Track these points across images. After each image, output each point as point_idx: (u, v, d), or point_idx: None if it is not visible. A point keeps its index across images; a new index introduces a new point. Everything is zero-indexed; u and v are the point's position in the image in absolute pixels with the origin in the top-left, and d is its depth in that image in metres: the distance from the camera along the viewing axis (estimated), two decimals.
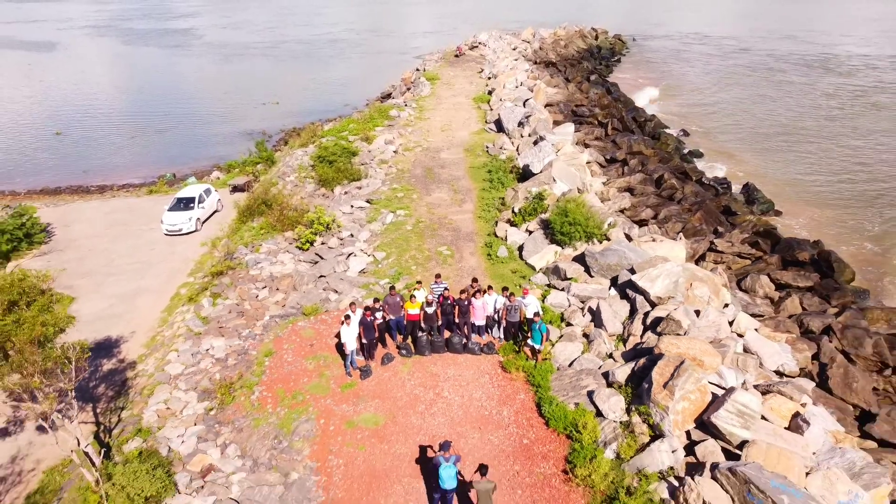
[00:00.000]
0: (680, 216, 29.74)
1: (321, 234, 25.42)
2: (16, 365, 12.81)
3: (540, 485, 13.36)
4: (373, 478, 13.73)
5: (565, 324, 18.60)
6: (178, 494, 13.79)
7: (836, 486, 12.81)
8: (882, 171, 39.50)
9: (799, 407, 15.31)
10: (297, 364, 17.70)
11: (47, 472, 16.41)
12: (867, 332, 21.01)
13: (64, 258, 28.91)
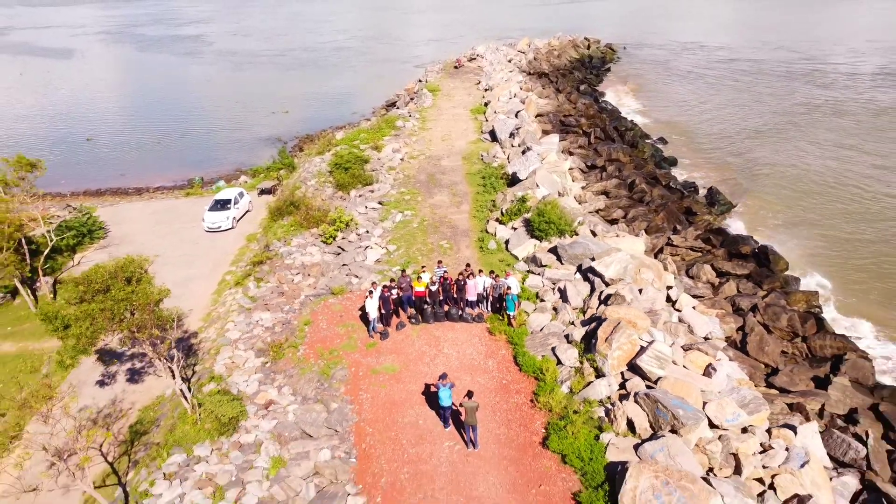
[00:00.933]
0: (646, 216, 34.83)
1: (342, 230, 30.55)
2: (138, 322, 17.87)
3: (514, 409, 18.46)
4: (392, 405, 18.84)
5: (539, 300, 23.72)
6: (251, 418, 18.89)
7: (725, 410, 17.88)
8: (843, 177, 44.15)
9: (712, 360, 20.39)
10: (331, 330, 22.82)
11: (142, 409, 21.53)
12: (785, 309, 26.08)
13: (121, 251, 33.81)
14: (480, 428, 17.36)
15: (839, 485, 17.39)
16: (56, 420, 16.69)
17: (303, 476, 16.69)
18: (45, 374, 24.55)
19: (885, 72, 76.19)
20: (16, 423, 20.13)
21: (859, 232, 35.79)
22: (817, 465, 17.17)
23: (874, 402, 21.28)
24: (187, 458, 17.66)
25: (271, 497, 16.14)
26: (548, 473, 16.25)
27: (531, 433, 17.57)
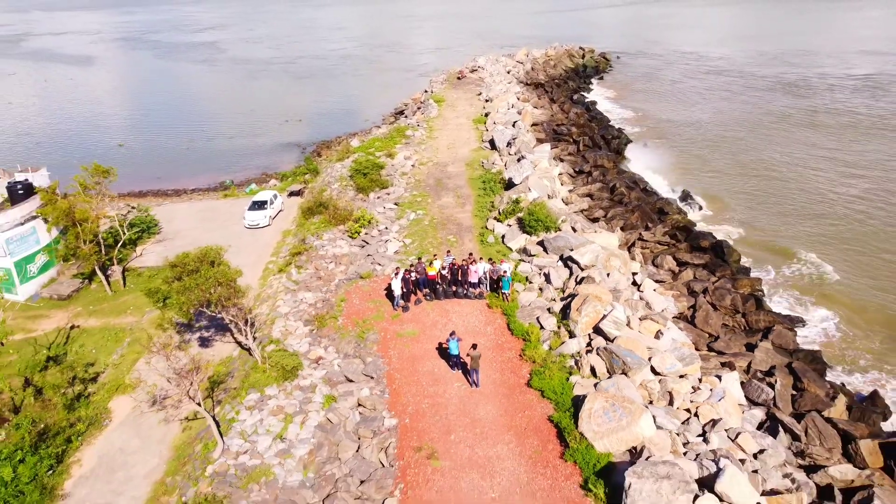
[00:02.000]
0: (623, 215, 40.68)
1: (365, 227, 36.44)
2: (224, 295, 23.73)
3: (506, 361, 24.34)
4: (414, 359, 24.72)
5: (528, 282, 29.60)
6: (305, 369, 24.77)
7: (665, 361, 23.72)
8: (807, 181, 49.64)
9: (662, 327, 26.26)
10: (362, 305, 28.73)
11: (216, 366, 27.37)
12: (730, 291, 31.92)
13: (175, 244, 39.84)
14: (480, 373, 23.23)
15: (749, 416, 23.23)
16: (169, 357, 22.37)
17: (349, 407, 22.58)
18: (128, 342, 30.47)
19: (866, 81, 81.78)
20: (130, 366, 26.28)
21: (814, 230, 41.47)
22: (732, 400, 23.07)
23: (789, 361, 27.11)
24: (261, 397, 23.53)
25: (327, 421, 22.02)
26: (530, 403, 22.13)
27: (519, 377, 23.46)
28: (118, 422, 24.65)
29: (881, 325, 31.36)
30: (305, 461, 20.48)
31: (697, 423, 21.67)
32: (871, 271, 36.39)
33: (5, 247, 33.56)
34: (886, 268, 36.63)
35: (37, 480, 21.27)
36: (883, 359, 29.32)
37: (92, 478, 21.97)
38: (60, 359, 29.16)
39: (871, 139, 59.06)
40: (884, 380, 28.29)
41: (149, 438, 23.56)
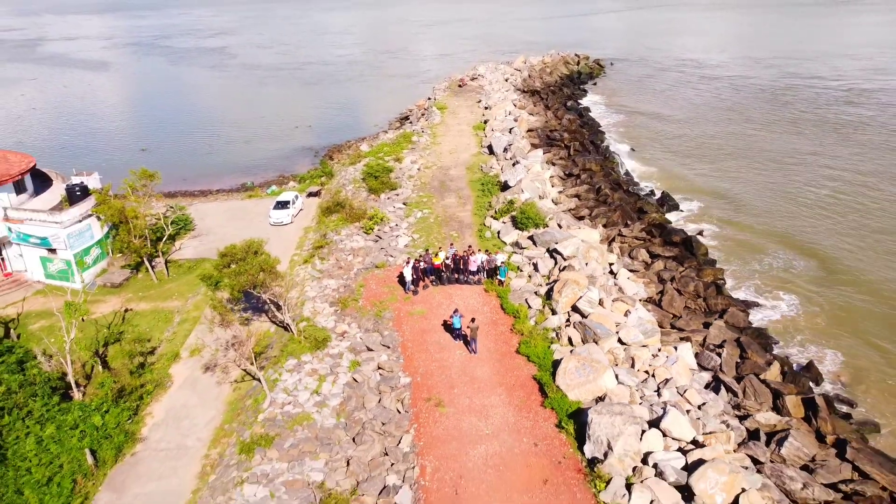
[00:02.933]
0: (606, 214, 45.75)
1: (378, 224, 41.56)
2: (269, 279, 28.84)
3: (499, 334, 29.48)
4: (423, 332, 29.86)
5: (519, 270, 34.75)
6: (333, 341, 29.91)
7: (630, 333, 28.84)
8: (780, 185, 54.46)
9: (630, 308, 31.37)
10: (379, 290, 33.88)
11: (259, 338, 32.47)
12: (694, 279, 37.01)
13: (209, 240, 45.02)
14: (478, 342, 28.36)
15: (698, 378, 28.32)
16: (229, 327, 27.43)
17: (371, 369, 27.72)
18: (177, 321, 35.59)
19: (851, 88, 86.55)
20: (182, 340, 31.43)
21: (785, 228, 46.24)
22: (685, 365, 28.18)
23: (738, 336, 32.18)
24: (298, 362, 28.67)
25: (353, 380, 27.16)
26: (518, 366, 27.26)
27: (510, 346, 28.60)
28: (178, 384, 29.82)
29: (830, 311, 36.01)
30: (338, 409, 25.63)
31: (654, 381, 26.80)
32: (831, 265, 40.84)
33: (66, 241, 38.67)
34: (846, 262, 41.17)
35: (120, 426, 26.42)
36: (826, 338, 34.03)
37: (163, 425, 27.13)
38: (119, 336, 34.32)
39: (846, 144, 63.87)
40: (823, 354, 33.24)
41: (206, 396, 28.71)
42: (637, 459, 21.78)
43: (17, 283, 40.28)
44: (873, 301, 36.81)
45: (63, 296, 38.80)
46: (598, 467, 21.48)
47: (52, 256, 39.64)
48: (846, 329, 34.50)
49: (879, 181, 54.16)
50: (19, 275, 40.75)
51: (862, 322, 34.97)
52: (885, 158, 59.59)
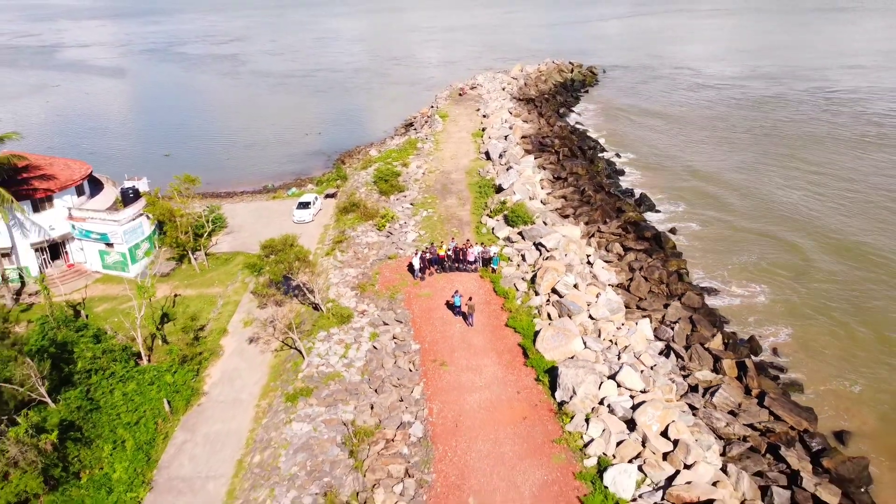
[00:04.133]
0: (588, 213, 52.16)
1: (389, 222, 48.02)
2: (305, 267, 35.29)
3: (492, 311, 35.97)
4: (429, 310, 36.37)
5: (510, 260, 41.23)
6: (355, 317, 36.40)
7: (598, 310, 35.30)
8: (750, 189, 60.42)
9: (602, 291, 37.83)
10: (392, 276, 40.37)
11: (295, 316, 38.91)
12: (659, 268, 43.41)
13: (241, 236, 51.52)
14: (475, 317, 34.81)
15: (653, 346, 34.70)
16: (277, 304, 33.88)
17: (388, 339, 34.18)
18: (221, 304, 42.05)
19: (838, 95, 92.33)
20: (227, 319, 37.93)
21: (752, 225, 52.17)
22: (642, 336, 34.59)
23: (691, 314, 38.59)
24: (327, 334, 35.13)
25: (373, 347, 33.61)
26: (507, 335, 33.73)
27: (500, 321, 35.08)
28: (228, 353, 36.32)
29: (788, 299, 41.57)
30: (362, 369, 32.12)
31: (616, 348, 33.25)
32: (797, 261, 46.32)
33: (123, 236, 45.18)
34: (811, 259, 46.68)
35: (186, 384, 32.92)
36: (779, 321, 39.55)
37: (220, 384, 33.63)
38: (172, 316, 40.79)
39: (824, 150, 69.72)
40: (771, 332, 39.18)
41: (252, 362, 35.21)
42: (595, 402, 28.25)
43: (79, 272, 46.77)
44: (829, 291, 42.14)
45: (120, 283, 45.48)
46: (565, 407, 27.95)
47: (109, 250, 46.12)
48: (799, 314, 39.80)
49: (851, 183, 60.05)
50: (80, 266, 47.24)
51: (815, 309, 40.21)
52: (857, 162, 65.67)
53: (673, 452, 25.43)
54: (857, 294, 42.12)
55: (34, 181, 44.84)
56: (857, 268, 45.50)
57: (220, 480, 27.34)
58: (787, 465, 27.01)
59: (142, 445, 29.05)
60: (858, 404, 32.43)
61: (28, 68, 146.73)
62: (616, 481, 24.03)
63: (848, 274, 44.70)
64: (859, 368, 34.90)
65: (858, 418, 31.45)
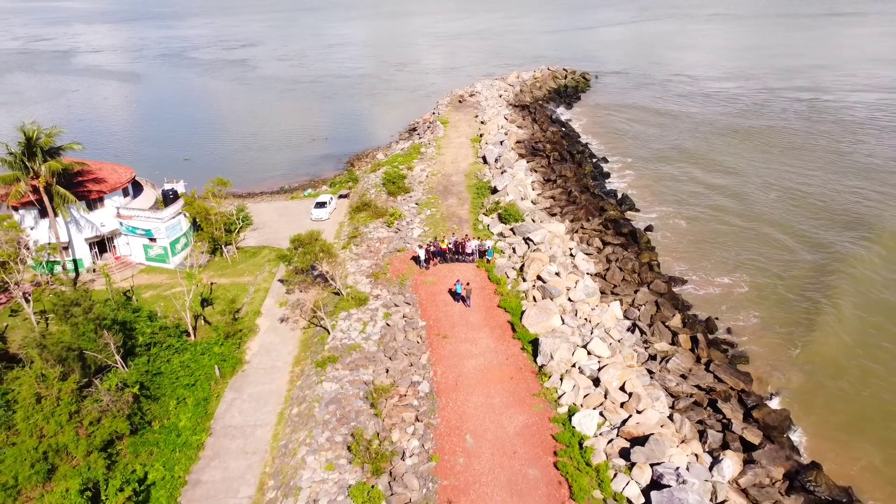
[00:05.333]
0: (573, 212, 58.66)
1: (397, 219, 54.54)
2: (328, 258, 41.81)
3: (487, 294, 42.53)
4: (434, 294, 42.95)
5: (502, 252, 47.82)
6: (371, 300, 42.98)
7: (576, 294, 41.87)
8: (726, 191, 66.73)
9: (580, 278, 44.41)
10: (401, 266, 46.96)
11: (315, 303, 45.46)
12: (632, 260, 49.97)
13: (265, 232, 58.07)
14: (472, 300, 41.36)
15: (622, 324, 41.24)
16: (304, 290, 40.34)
17: (399, 317, 40.76)
18: (253, 290, 48.56)
19: (822, 103, 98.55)
20: (260, 303, 44.52)
21: (723, 224, 58.58)
22: (613, 315, 41.13)
23: (657, 299, 45.12)
24: (348, 314, 41.68)
25: (386, 325, 40.18)
26: (498, 315, 40.31)
27: (493, 302, 41.65)
28: (264, 330, 42.90)
29: (744, 287, 48.27)
30: (378, 341, 38.70)
31: (589, 325, 39.81)
32: (757, 255, 52.98)
33: (165, 232, 51.71)
34: (769, 252, 53.64)
35: (231, 355, 39.48)
36: (732, 304, 46.33)
37: (259, 355, 40.20)
38: (211, 301, 47.31)
39: (802, 155, 75.82)
40: (725, 314, 45.66)
41: (284, 337, 41.79)
42: (569, 365, 34.84)
43: (125, 264, 53.32)
44: (784, 283, 48.34)
45: (161, 274, 52.08)
46: (544, 369, 34.54)
47: (152, 244, 52.68)
48: (756, 301, 45.65)
49: (821, 187, 66.28)
50: (126, 258, 53.79)
51: (770, 297, 46.26)
52: (830, 168, 71.94)
53: (628, 402, 32.03)
54: (807, 284, 48.66)
55: (88, 184, 51.39)
56: (812, 262, 51.93)
57: (266, 428, 33.95)
58: (722, 416, 33.57)
59: (199, 402, 35.63)
60: (792, 370, 38.96)
61: (46, 73, 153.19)
62: (581, 423, 30.61)
63: (803, 269, 51.05)
64: (797, 342, 41.36)
65: (789, 381, 38.01)
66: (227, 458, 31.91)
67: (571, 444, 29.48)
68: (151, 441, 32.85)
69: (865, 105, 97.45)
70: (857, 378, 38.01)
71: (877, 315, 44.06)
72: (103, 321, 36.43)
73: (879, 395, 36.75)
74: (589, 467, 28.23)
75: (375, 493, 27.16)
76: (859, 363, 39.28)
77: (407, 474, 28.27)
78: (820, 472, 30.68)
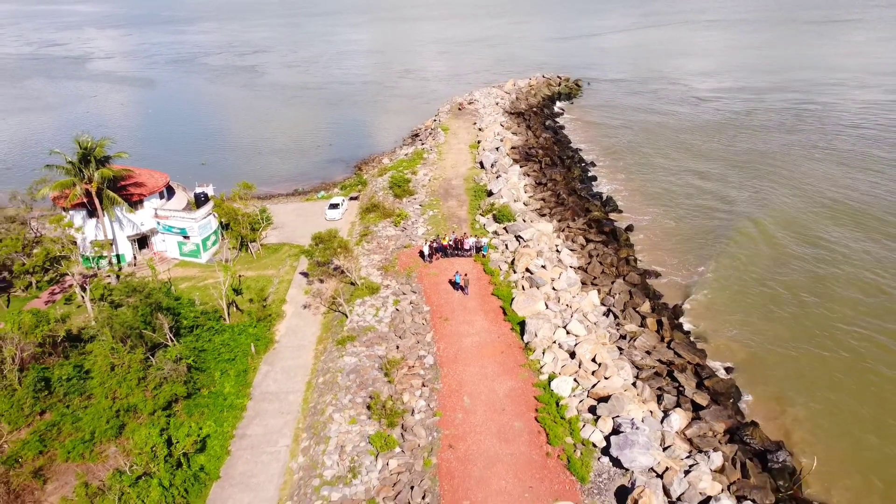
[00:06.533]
0: (561, 212, 65.33)
1: (403, 219, 61.24)
2: (343, 251, 48.46)
3: (482, 284, 49.23)
4: (436, 284, 49.66)
5: (496, 248, 54.54)
6: (382, 289, 49.68)
7: (560, 283, 48.59)
8: (705, 193, 73.64)
9: (564, 271, 51.13)
10: (407, 260, 53.68)
11: (334, 292, 52.13)
12: (611, 255, 56.65)
13: (285, 231, 64.73)
14: (469, 288, 48.06)
15: (598, 310, 47.93)
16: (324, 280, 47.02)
17: (406, 304, 47.46)
18: (277, 282, 55.24)
19: (804, 109, 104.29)
20: (284, 292, 51.23)
21: (694, 225, 65.61)
22: (591, 301, 47.82)
23: (630, 289, 51.78)
24: (362, 300, 48.38)
25: (396, 310, 46.87)
26: (492, 301, 47.00)
27: (488, 291, 48.38)
28: (289, 315, 49.57)
29: (712, 279, 54.55)
30: (389, 323, 45.40)
31: (570, 310, 46.49)
32: (727, 251, 59.17)
33: (198, 230, 58.36)
34: (738, 249, 60.13)
35: (264, 335, 46.15)
36: (699, 294, 52.53)
37: (286, 335, 46.88)
38: (240, 290, 53.95)
39: (782, 160, 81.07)
40: (692, 302, 52.25)
41: (307, 321, 48.47)
42: (550, 342, 41.54)
43: (162, 259, 59.96)
44: (748, 277, 54.83)
45: (195, 267, 58.71)
46: (529, 344, 41.25)
47: (186, 241, 59.34)
48: (720, 291, 51.86)
49: (795, 189, 72.56)
50: (162, 253, 60.46)
51: (733, 288, 52.70)
52: (808, 171, 78.12)
53: (598, 370, 38.76)
54: (766, 275, 55.29)
55: (129, 188, 58.05)
56: (774, 259, 58.47)
57: (297, 393, 40.64)
58: (678, 384, 40.24)
59: (240, 373, 42.30)
60: (743, 348, 45.59)
61: (63, 79, 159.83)
62: (559, 387, 37.30)
63: (765, 263, 57.57)
64: (749, 322, 47.96)
65: (739, 356, 44.62)
66: (266, 417, 38.60)
67: (550, 403, 36.18)
68: (202, 404, 39.51)
69: (850, 111, 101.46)
70: (799, 355, 44.56)
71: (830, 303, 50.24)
72: (158, 305, 43.11)
73: (816, 368, 43.27)
74: (563, 420, 34.92)
75: (391, 440, 33.89)
76: (803, 344, 45.82)
77: (416, 426, 34.98)
78: (756, 428, 37.38)
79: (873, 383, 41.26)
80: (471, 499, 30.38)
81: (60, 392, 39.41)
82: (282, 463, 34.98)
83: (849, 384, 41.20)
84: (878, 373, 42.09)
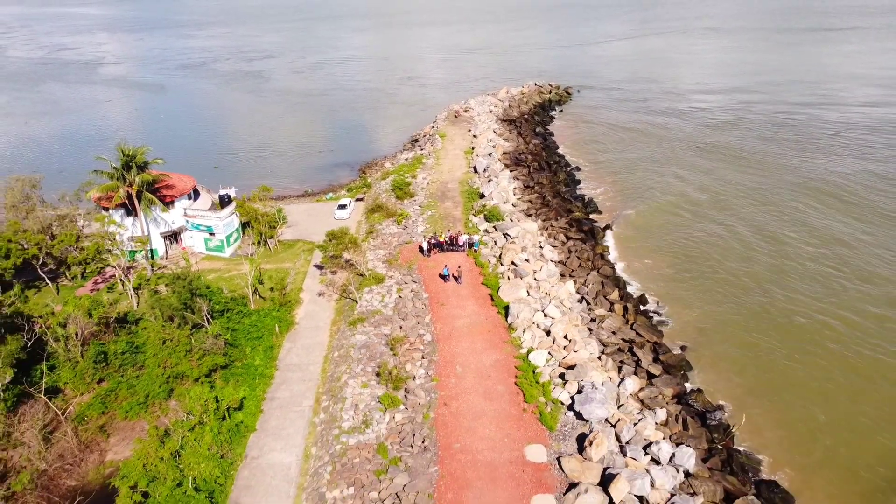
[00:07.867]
0: (546, 213, 72.97)
1: (405, 218, 68.81)
2: (352, 247, 56.00)
3: (473, 275, 56.83)
4: (434, 275, 57.20)
5: (486, 244, 62.16)
6: (387, 280, 57.27)
7: (541, 274, 56.23)
8: (689, 198, 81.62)
9: (545, 264, 58.76)
10: (409, 255, 61.29)
11: (342, 285, 59.67)
12: (588, 251, 64.28)
13: (298, 228, 72.19)
14: (462, 279, 55.67)
15: (574, 297, 55.55)
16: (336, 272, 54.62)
17: (408, 291, 55.06)
18: (294, 273, 62.75)
19: (793, 117, 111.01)
20: (301, 281, 58.87)
21: (668, 224, 73.50)
22: (567, 290, 55.49)
23: (603, 280, 59.38)
24: (370, 289, 55.93)
25: (399, 297, 54.46)
26: (482, 289, 54.61)
27: (478, 281, 56.00)
28: (306, 302, 57.10)
29: (678, 270, 62.92)
30: (393, 308, 53.00)
31: (548, 297, 54.11)
32: (696, 246, 67.90)
33: (223, 228, 65.83)
34: (705, 244, 68.32)
35: (286, 318, 53.69)
36: (666, 284, 60.54)
37: (305, 318, 54.43)
38: (261, 280, 61.42)
39: (759, 166, 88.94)
40: (659, 291, 59.91)
41: (322, 307, 56.04)
42: (530, 322, 49.17)
43: (190, 253, 67.40)
44: (710, 269, 63.27)
45: (219, 261, 66.18)
46: (512, 325, 48.90)
47: (211, 238, 66.82)
48: (684, 282, 60.00)
49: (766, 198, 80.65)
50: (190, 249, 67.93)
51: (696, 279, 60.92)
52: (783, 178, 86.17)
53: (568, 345, 46.43)
54: (725, 269, 62.99)
55: (162, 190, 65.52)
56: (738, 255, 66.24)
57: (316, 365, 48.19)
58: (637, 358, 47.91)
59: (267, 349, 49.84)
60: (696, 330, 53.23)
61: (77, 83, 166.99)
62: (535, 358, 44.93)
63: (726, 259, 65.34)
64: (706, 308, 55.59)
65: (693, 336, 52.22)
66: (291, 384, 46.18)
67: (527, 371, 43.83)
68: (237, 373, 47.04)
69: (833, 121, 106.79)
70: (746, 336, 52.16)
71: (779, 290, 57.93)
72: (198, 291, 50.66)
73: (759, 346, 50.84)
74: (538, 384, 42.55)
75: (396, 399, 41.52)
76: (751, 326, 53.38)
77: (417, 389, 42.61)
78: (700, 394, 45.10)
79: (807, 359, 48.81)
80: (461, 442, 38.01)
81: (116, 364, 46.88)
82: (306, 419, 42.54)
83: (786, 360, 48.77)
84: (811, 351, 49.62)
